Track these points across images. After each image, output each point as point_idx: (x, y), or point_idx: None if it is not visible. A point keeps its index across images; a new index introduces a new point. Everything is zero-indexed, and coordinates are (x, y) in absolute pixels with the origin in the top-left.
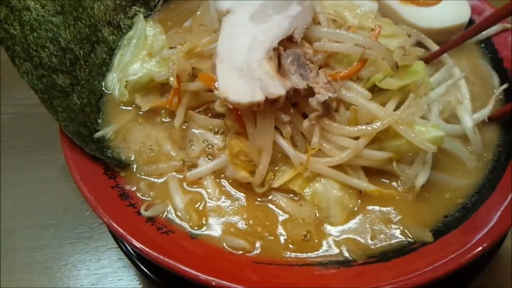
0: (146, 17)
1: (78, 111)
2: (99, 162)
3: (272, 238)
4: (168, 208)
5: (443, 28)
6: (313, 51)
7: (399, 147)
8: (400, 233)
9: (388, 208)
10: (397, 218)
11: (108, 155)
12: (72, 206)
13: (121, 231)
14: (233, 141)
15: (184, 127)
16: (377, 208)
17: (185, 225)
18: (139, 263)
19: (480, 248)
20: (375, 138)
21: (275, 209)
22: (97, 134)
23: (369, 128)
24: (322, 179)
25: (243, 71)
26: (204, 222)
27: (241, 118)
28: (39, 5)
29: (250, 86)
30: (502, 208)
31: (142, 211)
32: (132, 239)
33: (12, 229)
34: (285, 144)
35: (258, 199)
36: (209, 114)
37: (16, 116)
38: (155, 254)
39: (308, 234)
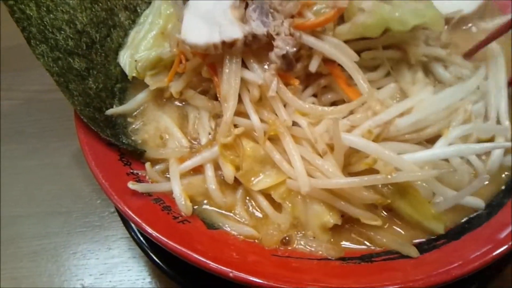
0: None
1: (93, 95)
2: (114, 148)
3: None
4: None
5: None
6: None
7: (404, 209)
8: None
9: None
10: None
11: (124, 141)
12: (82, 194)
13: (136, 218)
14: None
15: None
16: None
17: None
18: (151, 253)
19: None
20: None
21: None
22: (109, 111)
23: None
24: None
25: (206, 18)
26: (196, 207)
27: (214, 67)
28: None
29: (210, 30)
30: None
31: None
32: (147, 228)
33: (18, 216)
34: (249, 105)
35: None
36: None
37: (26, 102)
38: (170, 243)
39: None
